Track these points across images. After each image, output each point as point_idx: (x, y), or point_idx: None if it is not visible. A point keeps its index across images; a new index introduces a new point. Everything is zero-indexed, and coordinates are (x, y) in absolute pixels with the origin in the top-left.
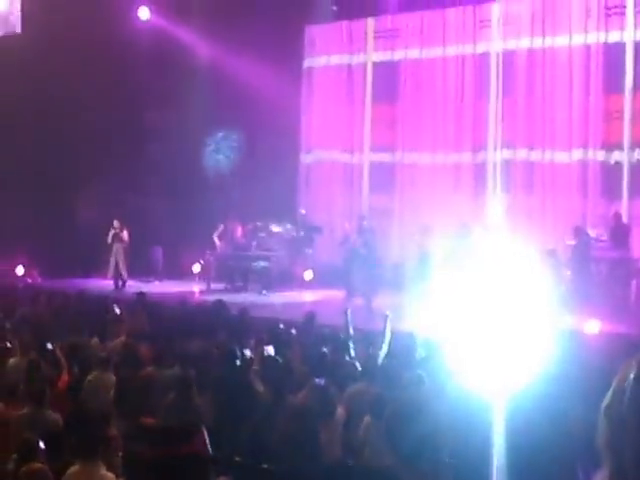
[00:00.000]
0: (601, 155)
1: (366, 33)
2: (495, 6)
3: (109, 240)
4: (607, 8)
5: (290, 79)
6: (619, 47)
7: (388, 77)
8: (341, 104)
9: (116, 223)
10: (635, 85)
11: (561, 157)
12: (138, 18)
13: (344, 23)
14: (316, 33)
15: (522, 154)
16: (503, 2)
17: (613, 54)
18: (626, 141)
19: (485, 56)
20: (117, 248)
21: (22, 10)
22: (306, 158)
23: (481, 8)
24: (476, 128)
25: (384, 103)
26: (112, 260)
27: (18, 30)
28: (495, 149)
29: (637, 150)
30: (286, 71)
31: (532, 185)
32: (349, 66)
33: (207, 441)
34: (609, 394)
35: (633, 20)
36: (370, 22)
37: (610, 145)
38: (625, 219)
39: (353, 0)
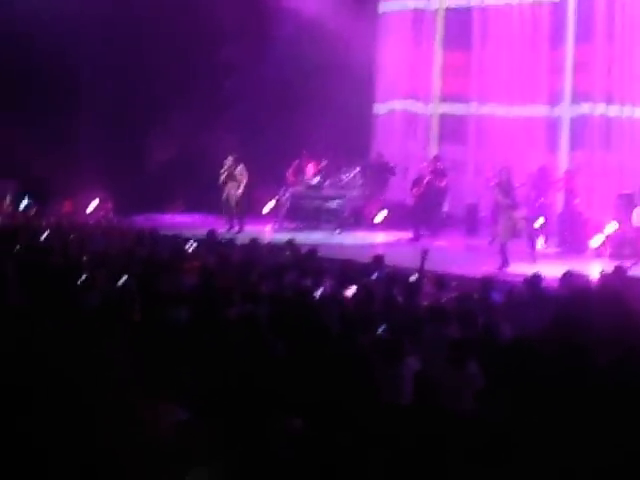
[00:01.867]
0: None
1: None
2: None
3: (222, 179)
4: None
5: (365, 22)
6: None
7: (461, 24)
8: (415, 51)
9: (229, 160)
10: None
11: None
12: None
13: None
14: None
15: (600, 109)
16: None
17: None
18: None
19: (562, 2)
20: (230, 187)
21: None
22: (380, 108)
23: None
24: (552, 79)
25: (457, 50)
26: (224, 200)
27: None
28: (572, 102)
29: None
30: (361, 13)
31: (609, 142)
32: (423, 12)
33: None
34: None
35: None
36: None
37: None
38: None
39: None
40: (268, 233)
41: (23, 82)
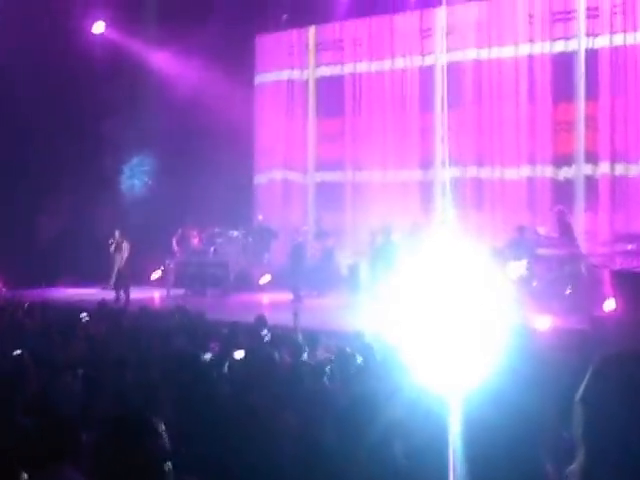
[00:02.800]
0: (549, 171)
1: (309, 45)
2: (440, 14)
3: (111, 250)
4: (554, 14)
5: (243, 92)
6: (568, 55)
7: (333, 92)
8: (290, 121)
9: (117, 234)
10: (587, 94)
11: (510, 174)
12: (91, 32)
13: (293, 32)
14: (266, 43)
15: (472, 171)
16: (447, 10)
17: (561, 63)
18: (579, 154)
19: (430, 68)
20: (118, 259)
21: None
22: (260, 178)
23: (425, 15)
24: (424, 144)
25: (330, 118)
26: (114, 271)
27: None
28: (443, 166)
29: (589, 165)
30: (239, 84)
31: (482, 203)
32: (294, 81)
33: None
34: (583, 386)
35: (584, 26)
36: (312, 34)
37: (560, 159)
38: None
39: (300, 8)
40: (156, 300)
41: None
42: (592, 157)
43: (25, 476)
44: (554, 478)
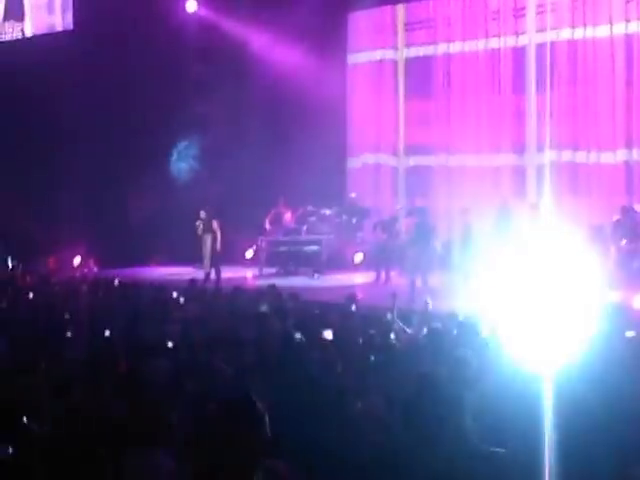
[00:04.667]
0: None
1: (398, 24)
2: None
3: (199, 232)
4: None
5: (336, 72)
6: None
7: (424, 73)
8: (381, 102)
9: (202, 214)
10: None
11: (607, 158)
12: (185, 10)
13: (385, 10)
14: (359, 22)
15: (567, 155)
16: None
17: None
18: None
19: (524, 48)
20: (207, 239)
21: (73, 6)
22: (352, 161)
23: None
24: (517, 127)
25: (421, 100)
26: (204, 252)
27: (70, 27)
28: (538, 150)
29: None
30: (331, 64)
31: (577, 187)
32: (385, 62)
33: None
34: None
35: None
36: (402, 12)
37: None
38: None
39: None
40: (249, 280)
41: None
42: None
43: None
44: None
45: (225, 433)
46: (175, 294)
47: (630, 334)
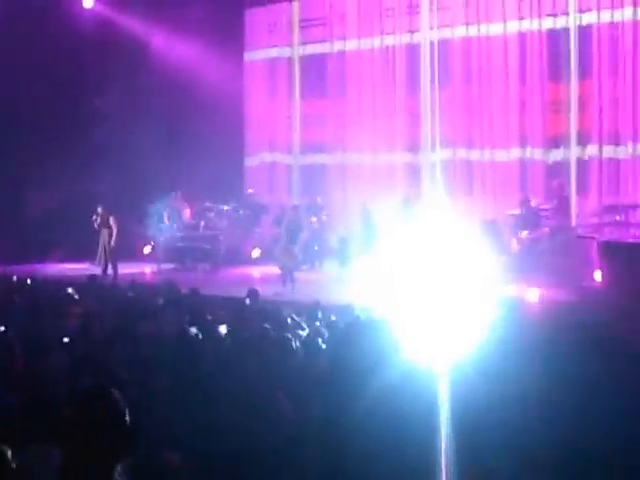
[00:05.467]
0: (539, 153)
1: (293, 21)
2: None
3: (96, 226)
4: None
5: (233, 69)
6: (559, 33)
7: (319, 71)
8: (277, 100)
9: (99, 209)
10: (579, 74)
11: (500, 156)
12: (81, 6)
13: (280, 7)
14: (255, 19)
15: (461, 153)
16: None
17: (553, 40)
18: (570, 135)
19: (418, 46)
20: (105, 234)
21: None
22: (250, 160)
23: None
24: (412, 125)
25: (316, 98)
26: (100, 246)
27: None
28: (432, 148)
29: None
30: (229, 61)
31: (472, 185)
32: (280, 60)
33: None
34: None
35: (576, 1)
36: (296, 9)
37: (551, 141)
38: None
39: None
40: (147, 275)
41: None
42: (583, 139)
43: (9, 452)
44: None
45: (84, 423)
46: (72, 290)
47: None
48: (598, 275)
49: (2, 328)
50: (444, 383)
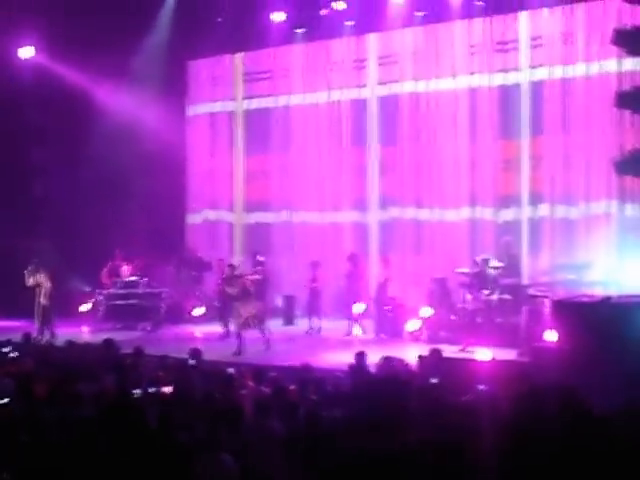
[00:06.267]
0: (490, 213)
1: (236, 74)
2: (374, 42)
3: (29, 282)
4: (499, 43)
5: (175, 123)
6: (510, 89)
7: (262, 126)
8: (220, 156)
9: (33, 265)
10: (532, 131)
11: (450, 215)
12: (19, 57)
13: (223, 60)
14: (197, 72)
15: (410, 212)
16: (382, 38)
17: (504, 96)
18: (521, 195)
19: (364, 101)
20: (38, 292)
21: None
22: (191, 216)
23: (359, 43)
24: (359, 183)
25: (259, 154)
26: (35, 304)
27: None
28: (380, 207)
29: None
30: (171, 114)
31: (420, 244)
32: (221, 114)
33: None
34: None
35: (528, 57)
36: (239, 62)
37: (501, 200)
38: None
39: (231, 33)
40: (85, 334)
41: None
42: (534, 199)
43: None
44: None
45: None
46: (8, 349)
47: None
48: (551, 334)
49: None
50: None
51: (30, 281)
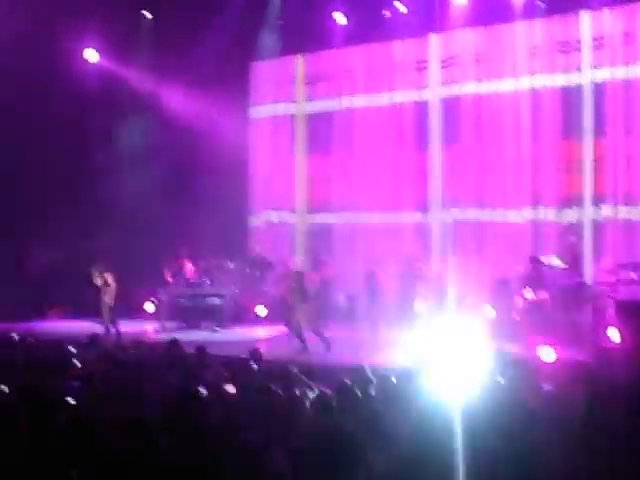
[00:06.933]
0: (552, 214)
1: (298, 77)
2: (436, 44)
3: (96, 283)
4: (560, 44)
5: (238, 125)
6: (573, 89)
7: (325, 127)
8: (283, 158)
9: (97, 265)
10: (594, 131)
11: (513, 216)
12: (86, 60)
13: (285, 62)
14: (261, 74)
15: (472, 214)
16: (443, 40)
17: (566, 97)
18: (584, 196)
19: (426, 103)
20: (104, 292)
21: None
22: (255, 218)
23: (421, 45)
24: (421, 184)
25: (323, 156)
26: (102, 305)
27: None
28: (442, 208)
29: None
30: (235, 116)
31: (482, 246)
32: (285, 116)
33: None
34: None
35: (590, 58)
36: (301, 65)
37: (564, 201)
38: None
39: (292, 36)
40: (150, 334)
41: None
42: (597, 199)
43: None
44: None
45: None
46: (75, 349)
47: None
48: (614, 334)
49: (5, 389)
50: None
51: (98, 281)
